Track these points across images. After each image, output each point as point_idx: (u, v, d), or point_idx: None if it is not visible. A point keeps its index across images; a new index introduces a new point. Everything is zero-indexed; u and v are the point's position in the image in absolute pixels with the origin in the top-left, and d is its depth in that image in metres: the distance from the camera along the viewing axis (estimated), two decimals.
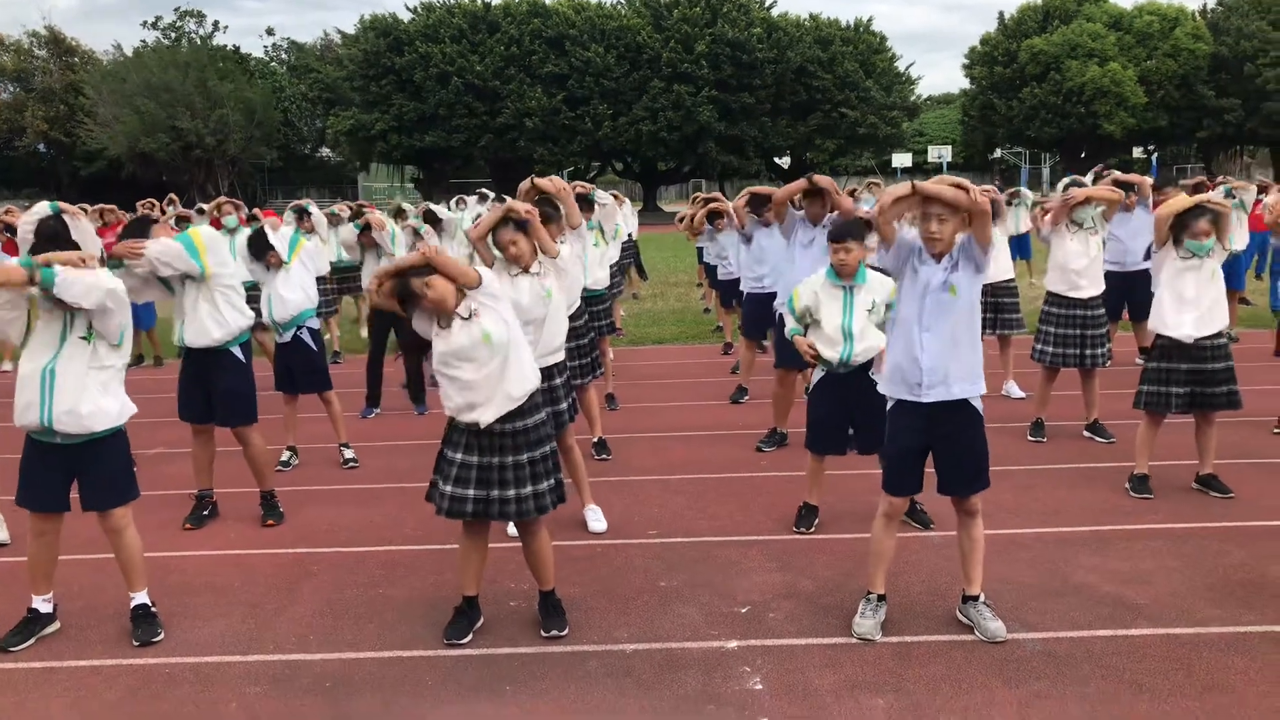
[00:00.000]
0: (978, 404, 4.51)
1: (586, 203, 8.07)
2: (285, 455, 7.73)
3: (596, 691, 4.18)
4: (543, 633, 4.70)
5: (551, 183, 6.14)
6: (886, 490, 4.66)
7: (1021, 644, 4.47)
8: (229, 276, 6.14)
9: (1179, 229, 6.17)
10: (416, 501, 4.84)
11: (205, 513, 6.48)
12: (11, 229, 11.01)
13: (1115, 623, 4.65)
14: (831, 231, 5.78)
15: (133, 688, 4.33)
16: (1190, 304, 6.19)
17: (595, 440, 7.90)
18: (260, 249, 7.36)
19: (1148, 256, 7.66)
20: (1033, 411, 8.07)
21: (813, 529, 5.98)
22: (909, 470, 4.59)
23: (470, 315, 4.36)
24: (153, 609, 4.88)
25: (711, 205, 10.74)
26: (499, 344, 4.35)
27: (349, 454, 7.86)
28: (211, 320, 6.06)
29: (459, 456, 4.44)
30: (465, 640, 4.62)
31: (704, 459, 7.73)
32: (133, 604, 4.85)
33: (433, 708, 4.09)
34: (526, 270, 5.47)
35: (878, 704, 4.01)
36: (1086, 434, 7.88)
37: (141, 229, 6.06)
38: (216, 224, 12.90)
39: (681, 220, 13.34)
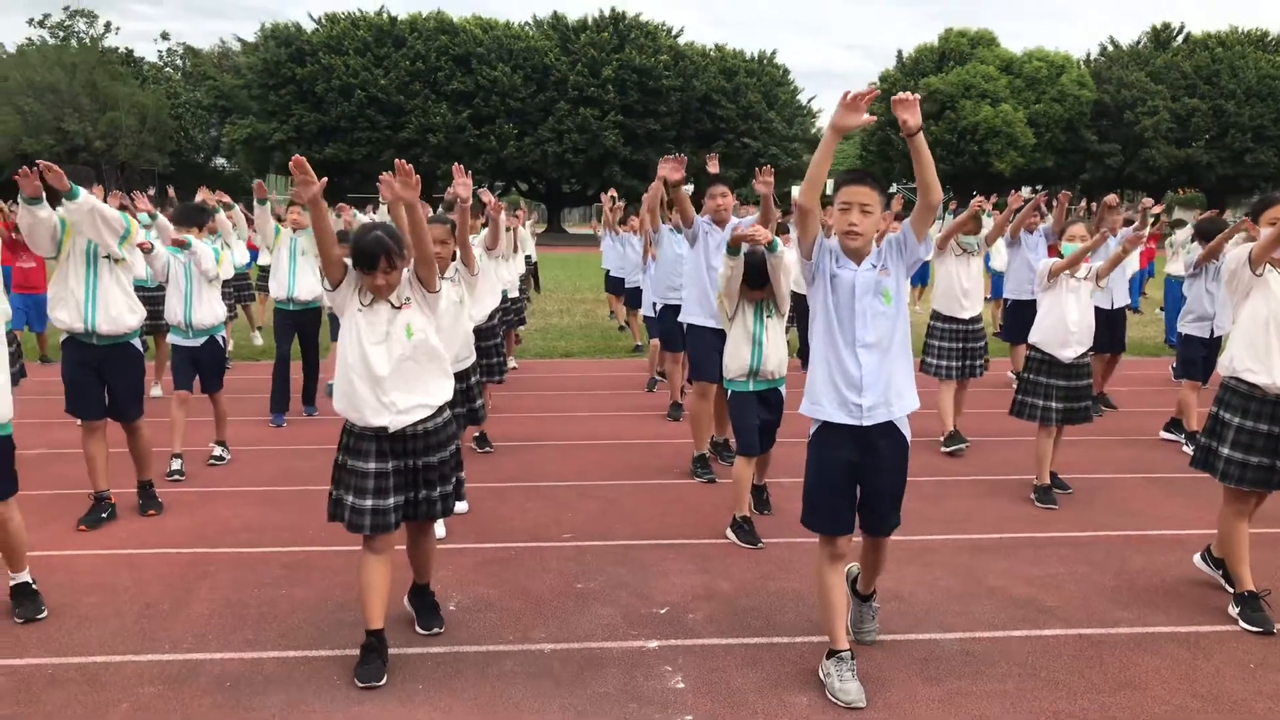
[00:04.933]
0: (905, 430, 4.09)
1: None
2: (176, 464, 7.18)
3: (514, 691, 4.04)
4: (421, 629, 4.58)
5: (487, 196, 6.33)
6: (820, 530, 4.09)
7: (940, 644, 4.49)
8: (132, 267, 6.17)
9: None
10: (318, 504, 4.64)
11: (104, 515, 6.14)
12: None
13: (1029, 624, 4.71)
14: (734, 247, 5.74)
15: (9, 690, 4.02)
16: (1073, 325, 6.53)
17: (477, 434, 8.01)
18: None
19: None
20: (943, 425, 8.18)
21: (760, 544, 5.81)
22: (842, 503, 4.06)
23: (400, 305, 4.17)
24: (34, 585, 4.71)
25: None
26: (419, 342, 4.17)
27: (220, 451, 7.64)
28: (126, 308, 5.99)
29: (372, 466, 4.13)
30: (382, 683, 4.08)
31: (618, 466, 7.66)
32: (12, 584, 4.65)
33: (341, 707, 3.90)
34: (442, 275, 5.45)
35: (800, 701, 3.96)
36: (943, 449, 8.04)
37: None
38: None
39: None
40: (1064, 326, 6.50)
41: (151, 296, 9.19)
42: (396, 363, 4.12)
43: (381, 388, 4.09)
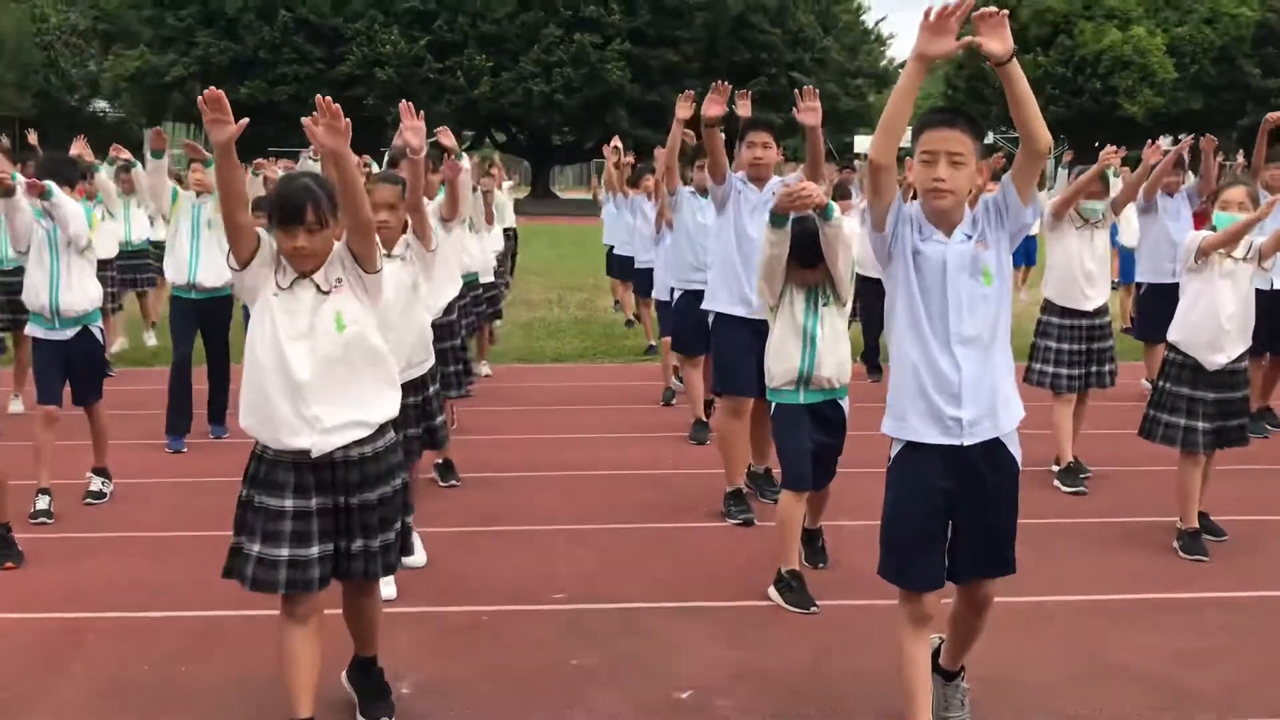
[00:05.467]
0: (1014, 447, 4.16)
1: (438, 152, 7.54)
2: (43, 503, 7.19)
3: None
4: (364, 719, 4.56)
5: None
6: (902, 584, 4.16)
7: None
8: None
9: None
10: (225, 552, 4.70)
11: None
12: None
13: (1170, 712, 4.71)
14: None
15: None
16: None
17: (439, 463, 8.04)
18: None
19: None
20: (1055, 452, 8.16)
21: (815, 607, 5.82)
22: (933, 547, 4.10)
23: (329, 288, 4.17)
24: None
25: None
26: (352, 338, 4.18)
27: (99, 484, 7.64)
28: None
29: (288, 504, 4.13)
30: None
31: (625, 504, 7.70)
32: None
33: None
34: (388, 252, 5.45)
35: None
36: (1057, 483, 8.05)
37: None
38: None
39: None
40: (1214, 322, 6.48)
41: (10, 283, 9.20)
42: (322, 364, 4.11)
43: (302, 397, 4.07)
